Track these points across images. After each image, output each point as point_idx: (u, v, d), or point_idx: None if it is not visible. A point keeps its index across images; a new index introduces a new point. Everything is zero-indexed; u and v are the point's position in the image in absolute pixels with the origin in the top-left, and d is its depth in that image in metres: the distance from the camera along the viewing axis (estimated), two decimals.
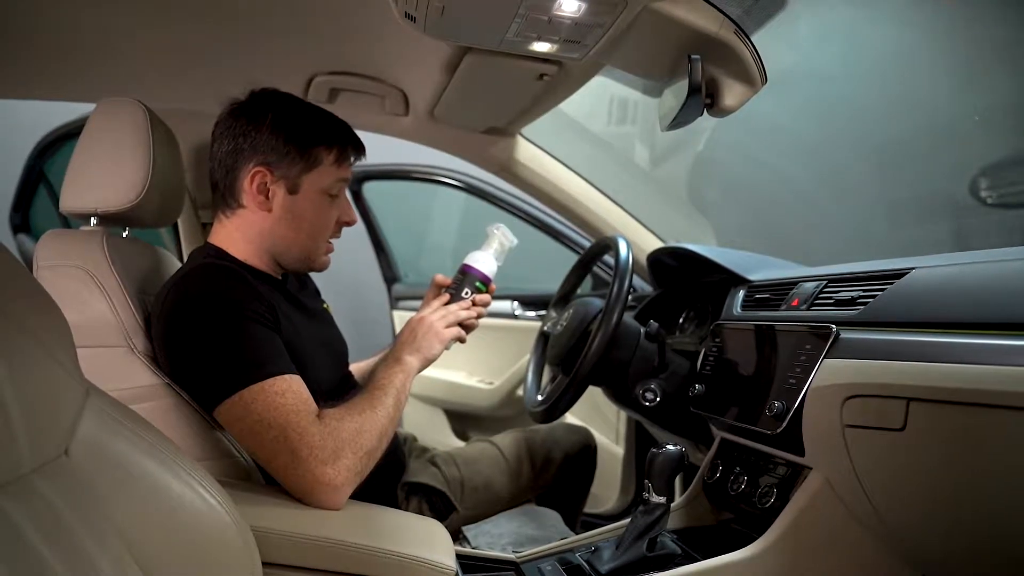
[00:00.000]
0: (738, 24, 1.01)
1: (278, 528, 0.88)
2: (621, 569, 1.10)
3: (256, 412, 1.00)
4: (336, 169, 1.23)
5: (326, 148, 1.21)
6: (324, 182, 1.21)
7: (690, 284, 1.74)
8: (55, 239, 1.14)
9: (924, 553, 0.96)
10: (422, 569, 0.89)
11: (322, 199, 1.22)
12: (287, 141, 1.18)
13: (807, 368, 1.03)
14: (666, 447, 1.11)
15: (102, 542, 0.59)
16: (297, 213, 1.21)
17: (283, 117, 1.20)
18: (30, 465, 0.55)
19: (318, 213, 1.23)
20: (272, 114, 1.19)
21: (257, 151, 1.18)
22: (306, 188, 1.20)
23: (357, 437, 1.04)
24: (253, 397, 1.01)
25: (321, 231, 1.24)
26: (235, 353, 1.04)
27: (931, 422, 0.84)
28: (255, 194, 1.19)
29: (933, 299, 0.93)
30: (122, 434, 0.66)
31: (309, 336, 1.23)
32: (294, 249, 1.23)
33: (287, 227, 1.21)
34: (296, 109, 1.23)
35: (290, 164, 1.19)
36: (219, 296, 1.07)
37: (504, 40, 1.10)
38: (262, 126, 1.18)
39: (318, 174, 1.21)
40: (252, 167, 1.18)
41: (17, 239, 3.00)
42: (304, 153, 1.19)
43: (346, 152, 1.25)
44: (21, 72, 1.48)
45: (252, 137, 1.18)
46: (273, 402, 1.01)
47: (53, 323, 0.62)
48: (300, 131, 1.20)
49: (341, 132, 1.25)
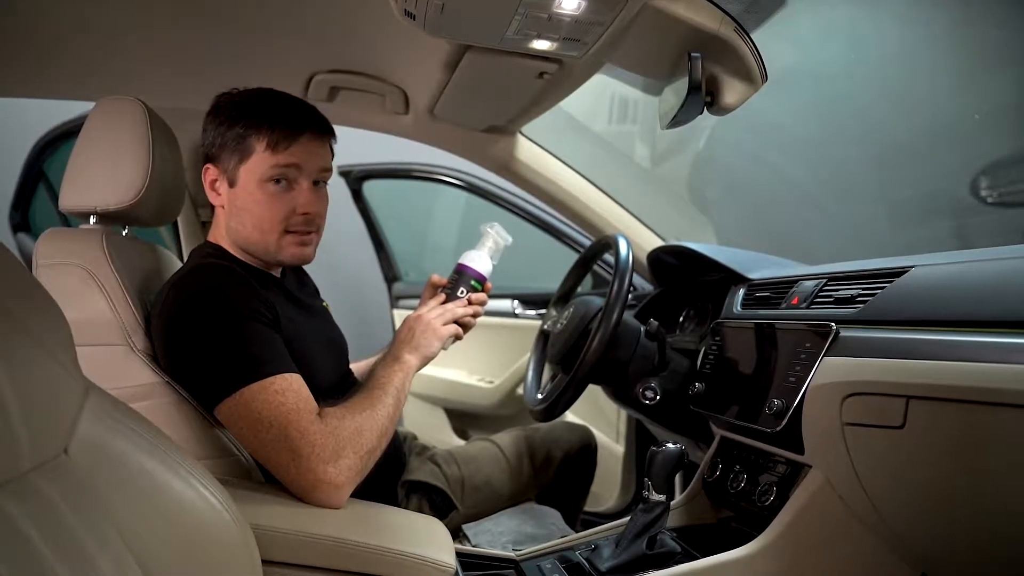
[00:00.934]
0: (738, 22, 1.01)
1: (278, 526, 0.88)
2: (621, 567, 1.10)
3: (256, 411, 1.00)
4: (271, 155, 1.15)
5: (255, 135, 1.15)
6: (259, 170, 1.16)
7: (690, 282, 1.74)
8: (55, 237, 1.14)
9: (924, 551, 0.96)
10: (422, 567, 0.89)
11: (261, 189, 1.16)
12: (222, 134, 1.17)
13: (807, 366, 1.03)
14: (666, 445, 1.11)
15: (102, 541, 0.59)
16: (239, 206, 1.18)
17: (227, 110, 1.18)
18: (30, 464, 0.55)
19: (258, 204, 1.17)
20: (221, 109, 1.19)
21: (208, 148, 1.20)
22: (243, 179, 1.17)
23: (358, 436, 1.04)
24: (253, 396, 1.01)
25: (267, 222, 1.18)
26: (235, 352, 1.04)
27: (930, 420, 0.83)
28: (210, 190, 1.21)
29: (932, 297, 0.93)
30: (122, 433, 0.66)
31: (310, 334, 1.23)
32: (250, 243, 1.20)
33: (236, 221, 1.20)
34: (242, 102, 1.19)
35: (228, 157, 1.17)
36: (218, 295, 1.07)
37: (504, 38, 1.10)
38: (212, 122, 1.19)
39: (252, 163, 1.16)
40: (206, 164, 1.20)
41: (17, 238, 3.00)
42: (236, 144, 1.16)
43: (275, 133, 1.15)
44: (21, 71, 1.48)
45: (206, 135, 1.19)
46: (273, 400, 1.01)
47: (52, 322, 0.62)
48: (232, 122, 1.17)
49: (271, 114, 1.17)
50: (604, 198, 1.94)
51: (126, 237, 1.23)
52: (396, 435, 1.45)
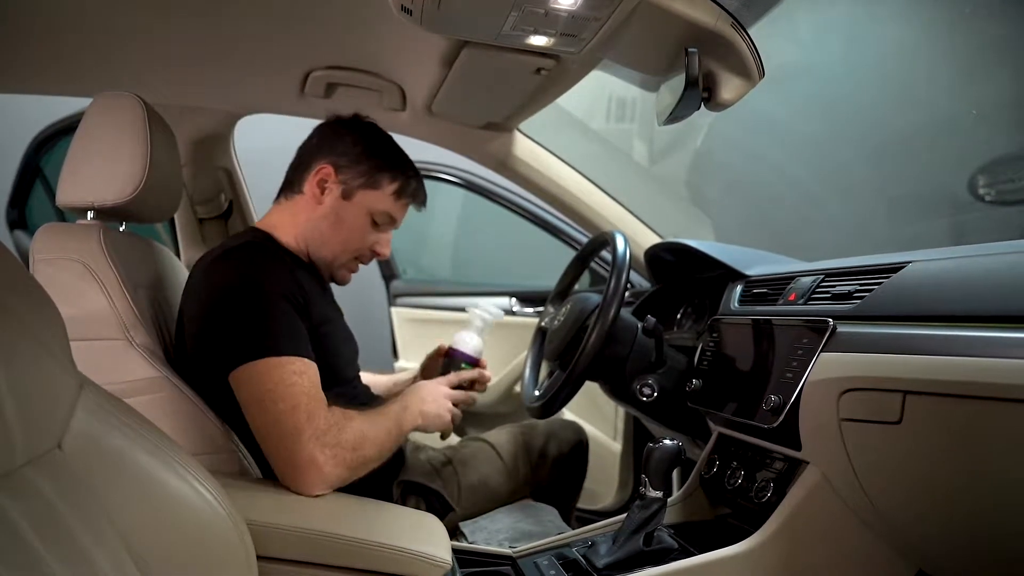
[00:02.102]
0: (735, 17, 1.01)
1: (273, 522, 0.88)
2: (618, 563, 1.10)
3: (270, 383, 1.05)
4: (391, 200, 1.34)
5: (391, 176, 1.33)
6: (375, 205, 1.33)
7: (688, 279, 1.74)
8: (52, 232, 1.13)
9: (921, 546, 0.96)
10: (418, 563, 0.89)
11: (366, 218, 1.33)
12: (362, 153, 1.31)
13: (804, 362, 1.03)
14: (663, 442, 1.11)
15: (96, 535, 0.59)
16: (340, 216, 1.31)
17: (371, 137, 1.35)
18: (23, 458, 0.55)
19: (357, 227, 1.33)
20: (363, 131, 1.34)
21: (333, 152, 1.32)
22: (358, 200, 1.31)
23: (361, 439, 1.08)
24: (271, 368, 1.05)
25: (353, 244, 1.34)
26: (261, 325, 1.09)
27: (927, 415, 0.83)
28: (314, 185, 1.31)
29: (929, 293, 0.93)
30: (116, 428, 0.66)
31: (338, 327, 1.34)
32: (324, 248, 1.32)
33: (328, 224, 1.32)
34: (383, 136, 1.37)
35: (355, 174, 1.31)
36: (257, 272, 1.15)
37: (501, 34, 1.10)
38: (348, 135, 1.33)
39: (374, 195, 1.32)
40: (322, 162, 1.31)
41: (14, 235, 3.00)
42: (371, 170, 1.31)
43: (407, 190, 1.35)
44: (18, 67, 1.48)
45: (335, 140, 1.33)
46: (289, 379, 1.05)
47: (47, 317, 0.62)
48: (378, 151, 1.33)
49: (411, 172, 1.37)
50: (602, 195, 1.94)
51: (123, 233, 1.23)
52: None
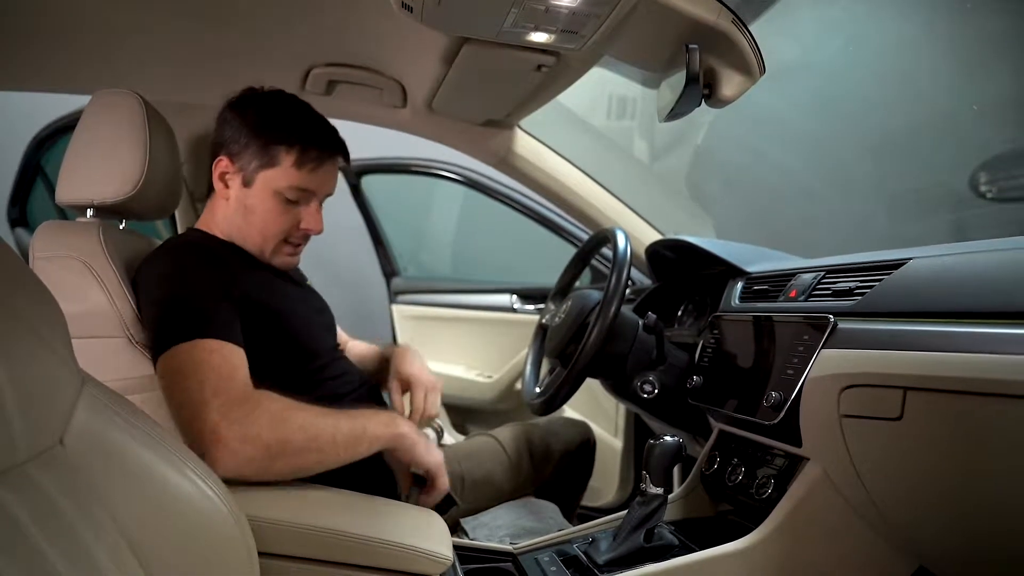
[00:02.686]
0: (736, 13, 1.01)
1: (274, 518, 0.88)
2: (618, 560, 1.10)
3: (181, 364, 1.01)
4: (294, 172, 1.20)
5: (286, 147, 1.20)
6: (278, 183, 1.21)
7: (689, 276, 1.74)
8: (51, 230, 1.13)
9: (921, 543, 0.96)
10: (419, 559, 0.89)
11: (275, 199, 1.22)
12: (250, 135, 1.20)
13: (805, 359, 1.03)
14: (664, 438, 1.11)
15: (98, 531, 0.59)
16: (248, 206, 1.23)
17: (258, 112, 1.22)
18: (25, 454, 0.55)
19: (268, 213, 1.22)
20: (252, 108, 1.23)
21: (227, 141, 1.22)
22: (259, 184, 1.21)
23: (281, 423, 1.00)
24: (181, 352, 1.02)
25: (270, 230, 1.24)
26: (178, 313, 1.06)
27: (928, 411, 0.84)
28: (217, 180, 1.24)
29: (930, 289, 0.93)
30: (117, 424, 0.66)
31: (301, 304, 1.29)
32: (246, 241, 1.25)
33: (239, 217, 1.24)
34: (275, 106, 1.24)
35: (249, 157, 1.21)
36: (175, 264, 1.13)
37: (501, 30, 1.10)
38: (235, 118, 1.22)
39: (274, 173, 1.21)
40: (219, 154, 1.23)
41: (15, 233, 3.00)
42: (263, 148, 1.20)
43: (307, 154, 1.21)
44: (17, 64, 1.48)
45: (228, 128, 1.23)
46: (198, 357, 1.01)
47: (48, 313, 0.62)
48: (265, 128, 1.20)
49: (309, 133, 1.22)
50: (602, 192, 1.94)
51: (123, 231, 1.23)
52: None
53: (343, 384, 1.29)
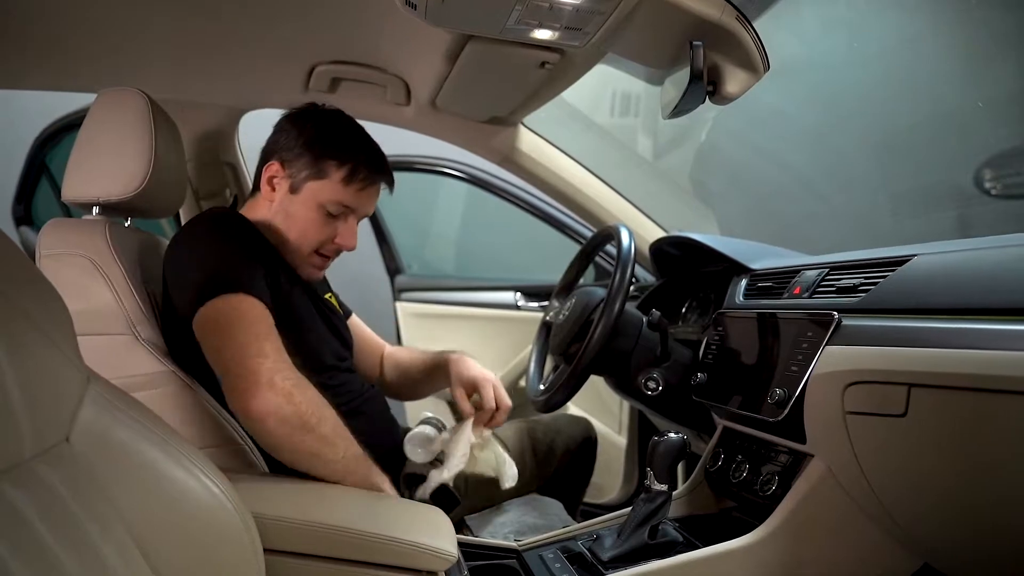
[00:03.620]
0: (740, 10, 1.01)
1: (280, 515, 0.88)
2: (623, 556, 1.10)
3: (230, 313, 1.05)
4: (341, 188, 1.26)
5: (337, 163, 1.26)
6: (324, 196, 1.26)
7: (693, 273, 1.74)
8: (58, 228, 1.14)
9: (925, 540, 0.96)
10: (423, 556, 0.89)
11: (318, 211, 1.26)
12: (305, 145, 1.26)
13: (809, 355, 1.03)
14: (668, 435, 1.12)
15: (104, 528, 0.59)
16: (290, 212, 1.27)
17: (316, 126, 1.28)
18: (32, 451, 0.55)
19: (309, 222, 1.27)
20: (311, 122, 1.28)
21: (279, 147, 1.28)
22: (305, 194, 1.26)
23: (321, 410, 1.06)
24: (232, 302, 1.06)
25: (307, 240, 1.28)
26: (222, 267, 1.10)
27: (932, 408, 0.83)
28: (265, 182, 1.29)
29: (935, 285, 0.93)
30: (123, 421, 0.67)
31: (310, 314, 1.31)
32: (282, 245, 1.28)
33: (280, 220, 1.28)
34: (333, 123, 1.31)
35: (301, 166, 1.26)
36: (219, 229, 1.18)
37: (505, 28, 1.10)
38: (294, 128, 1.28)
39: (321, 185, 1.26)
40: (272, 159, 1.28)
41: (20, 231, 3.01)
42: (315, 160, 1.26)
43: (356, 174, 1.26)
44: (22, 63, 1.48)
45: (282, 135, 1.29)
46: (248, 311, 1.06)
47: (54, 311, 0.63)
48: (320, 140, 1.26)
49: (360, 154, 1.28)
50: (606, 189, 1.94)
51: (129, 228, 1.24)
52: (397, 427, 1.46)
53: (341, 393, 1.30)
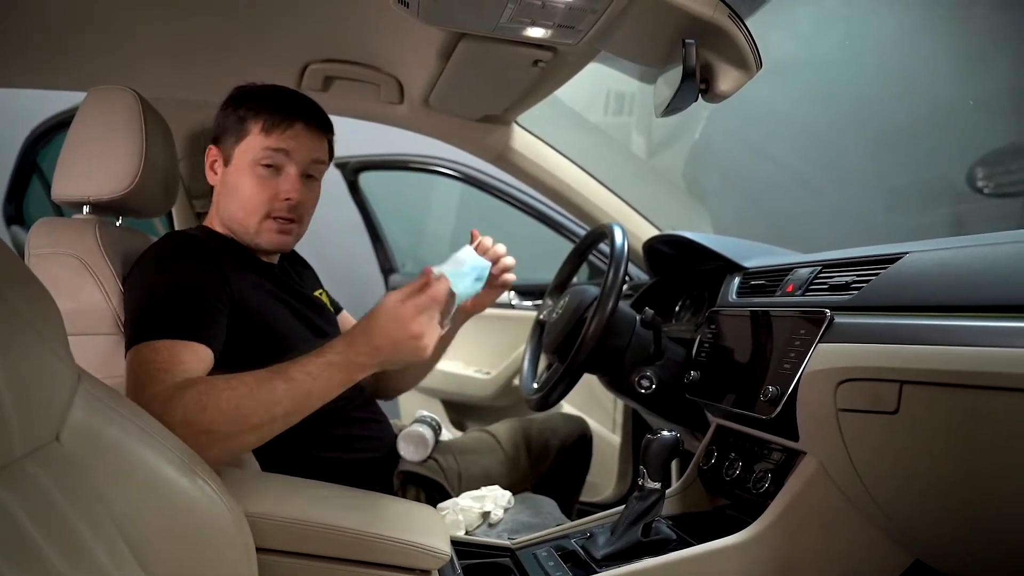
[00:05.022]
0: (732, 8, 1.01)
1: (272, 514, 0.88)
2: (616, 554, 1.10)
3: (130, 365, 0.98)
4: (264, 138, 1.20)
5: (252, 116, 1.21)
6: (252, 152, 1.21)
7: (686, 271, 1.74)
8: (48, 227, 1.13)
9: (918, 536, 0.96)
10: (416, 554, 0.89)
11: (252, 170, 1.21)
12: (224, 116, 1.24)
13: (801, 353, 1.03)
14: (661, 433, 1.12)
15: (95, 527, 0.59)
16: (231, 184, 1.23)
17: (233, 96, 1.26)
18: (21, 450, 0.55)
19: (246, 185, 1.21)
20: (229, 97, 1.26)
21: (214, 131, 1.27)
22: (237, 159, 1.23)
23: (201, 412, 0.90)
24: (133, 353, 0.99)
25: (251, 204, 1.21)
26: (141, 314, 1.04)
27: (924, 404, 0.84)
28: (209, 171, 1.27)
29: (926, 283, 0.93)
30: (114, 420, 0.66)
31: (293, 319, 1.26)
32: (233, 223, 1.24)
33: (226, 199, 1.25)
34: (247, 89, 1.27)
35: (227, 137, 1.24)
36: (155, 263, 1.11)
37: (498, 26, 1.10)
38: (222, 109, 1.26)
39: (247, 144, 1.22)
40: (209, 145, 1.27)
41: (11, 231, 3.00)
42: (236, 126, 1.23)
43: (274, 117, 1.20)
44: (12, 61, 1.47)
45: (215, 119, 1.27)
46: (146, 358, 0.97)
47: (44, 309, 0.62)
48: (236, 106, 1.23)
49: (271, 99, 1.23)
50: (600, 188, 1.94)
51: (120, 227, 1.23)
52: (391, 427, 1.46)
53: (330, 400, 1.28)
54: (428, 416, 1.49)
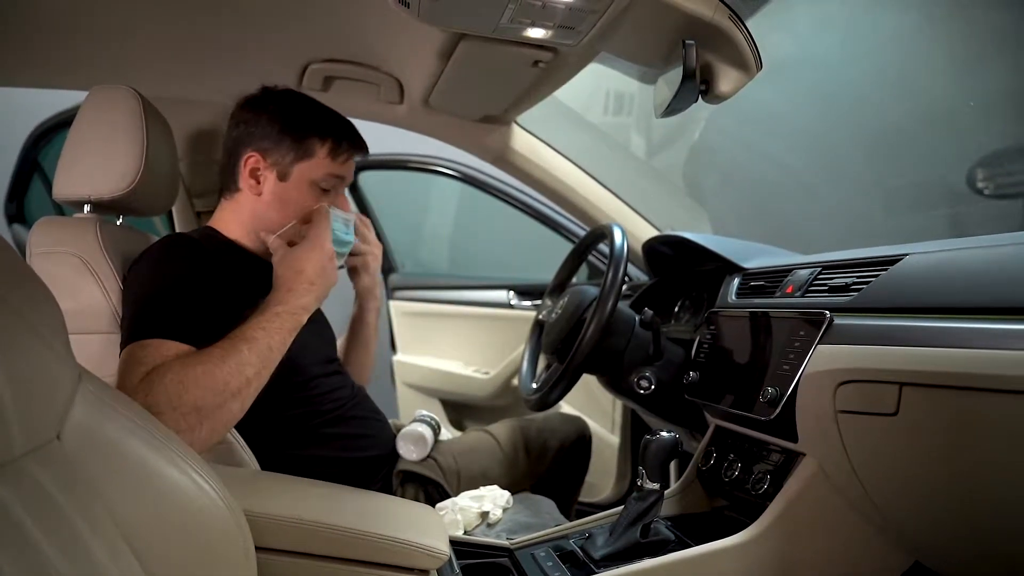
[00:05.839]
0: (733, 9, 1.01)
1: (272, 513, 0.88)
2: (615, 555, 1.10)
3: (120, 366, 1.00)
4: (329, 162, 1.28)
5: (319, 140, 1.26)
6: (315, 173, 1.27)
7: (685, 272, 1.74)
8: (49, 226, 1.13)
9: (917, 539, 0.96)
10: (415, 554, 0.89)
11: (311, 189, 1.27)
12: (282, 130, 1.25)
13: (801, 354, 1.03)
14: (660, 434, 1.12)
15: (95, 526, 0.59)
16: (284, 199, 1.26)
17: (283, 108, 1.27)
18: (22, 449, 0.55)
19: (304, 202, 1.27)
20: (273, 105, 1.27)
21: (254, 138, 1.26)
22: (296, 176, 1.26)
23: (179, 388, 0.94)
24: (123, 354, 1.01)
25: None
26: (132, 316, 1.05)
27: (924, 406, 0.84)
28: (247, 178, 1.26)
29: (926, 284, 0.93)
30: (115, 419, 0.66)
31: None
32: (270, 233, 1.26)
33: (275, 211, 1.27)
34: (298, 102, 1.30)
35: (284, 152, 1.25)
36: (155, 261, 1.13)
37: (498, 26, 1.10)
38: (262, 115, 1.26)
39: (309, 164, 1.26)
40: (248, 152, 1.25)
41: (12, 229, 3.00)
42: (297, 143, 1.25)
43: (340, 146, 1.29)
44: (14, 60, 1.47)
45: (252, 125, 1.26)
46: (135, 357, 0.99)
47: (45, 308, 0.62)
48: (296, 121, 1.26)
49: (338, 126, 1.29)
50: (599, 188, 1.94)
51: (121, 226, 1.23)
52: (389, 426, 1.46)
53: (327, 400, 1.30)
54: (427, 415, 1.49)
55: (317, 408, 1.28)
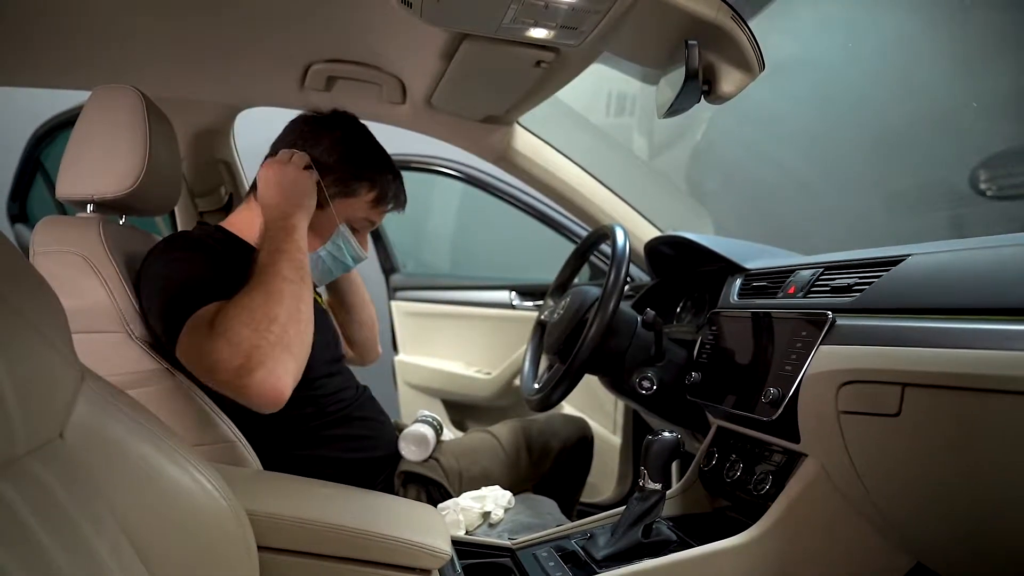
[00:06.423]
0: (735, 9, 1.01)
1: (274, 512, 0.88)
2: (616, 555, 1.10)
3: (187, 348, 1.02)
4: (368, 208, 1.33)
5: (369, 185, 1.30)
6: (353, 213, 1.31)
7: (687, 273, 1.74)
8: (52, 225, 1.14)
9: (919, 539, 0.96)
10: (417, 553, 0.89)
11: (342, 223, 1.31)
12: (339, 161, 1.28)
13: (803, 355, 1.03)
14: (662, 434, 1.12)
15: (98, 525, 0.59)
16: (313, 224, 1.25)
17: (348, 141, 1.30)
18: (25, 448, 0.55)
19: (330, 233, 1.30)
20: (340, 132, 1.30)
21: (317, 156, 1.28)
22: (335, 208, 1.28)
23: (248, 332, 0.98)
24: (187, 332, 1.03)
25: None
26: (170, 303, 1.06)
27: (926, 407, 0.84)
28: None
29: (929, 285, 0.93)
30: (117, 418, 0.67)
31: None
32: None
33: None
34: (362, 139, 1.33)
35: (331, 181, 1.27)
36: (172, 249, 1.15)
37: (501, 26, 1.10)
38: (324, 137, 1.28)
39: (350, 203, 1.30)
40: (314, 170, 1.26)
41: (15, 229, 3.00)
42: (348, 179, 1.28)
43: (386, 198, 1.34)
44: (17, 60, 1.47)
45: (312, 143, 1.28)
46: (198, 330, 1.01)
47: (48, 307, 0.62)
48: (355, 158, 1.29)
49: (389, 178, 1.33)
50: (601, 189, 1.94)
51: (123, 226, 1.23)
52: (392, 426, 1.46)
53: (332, 401, 1.30)
54: (429, 416, 1.49)
55: (322, 409, 1.28)
